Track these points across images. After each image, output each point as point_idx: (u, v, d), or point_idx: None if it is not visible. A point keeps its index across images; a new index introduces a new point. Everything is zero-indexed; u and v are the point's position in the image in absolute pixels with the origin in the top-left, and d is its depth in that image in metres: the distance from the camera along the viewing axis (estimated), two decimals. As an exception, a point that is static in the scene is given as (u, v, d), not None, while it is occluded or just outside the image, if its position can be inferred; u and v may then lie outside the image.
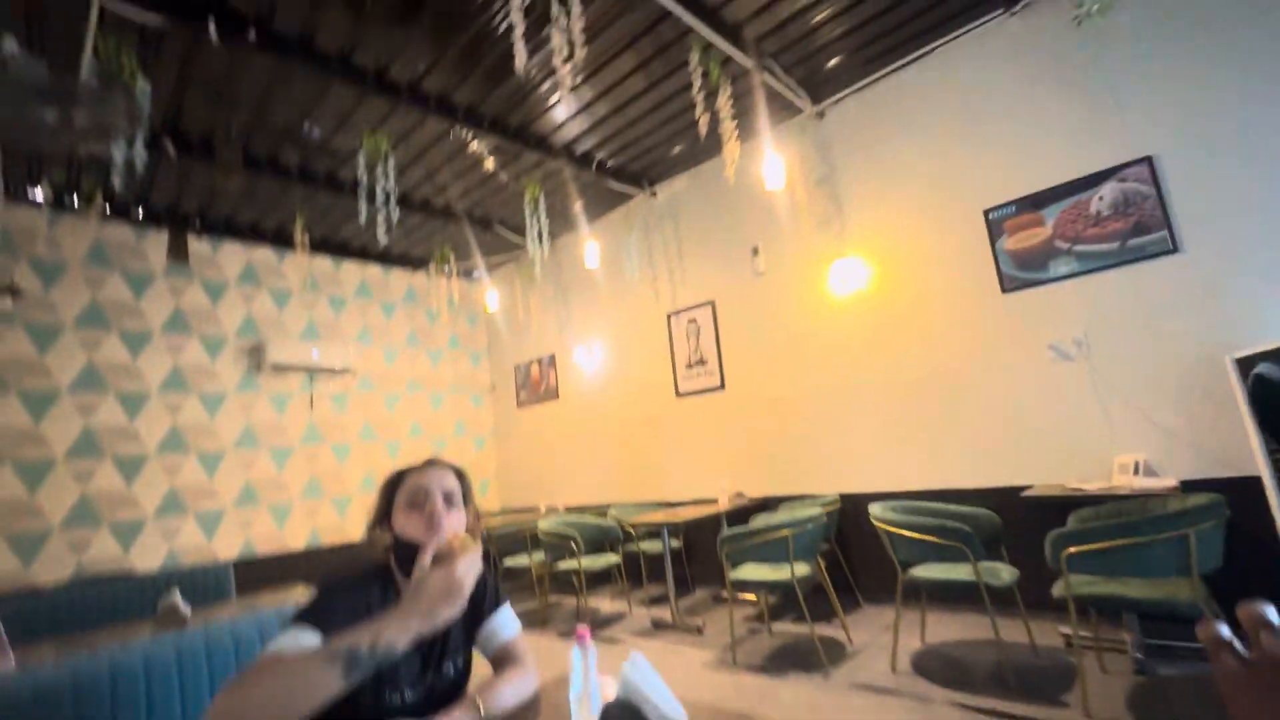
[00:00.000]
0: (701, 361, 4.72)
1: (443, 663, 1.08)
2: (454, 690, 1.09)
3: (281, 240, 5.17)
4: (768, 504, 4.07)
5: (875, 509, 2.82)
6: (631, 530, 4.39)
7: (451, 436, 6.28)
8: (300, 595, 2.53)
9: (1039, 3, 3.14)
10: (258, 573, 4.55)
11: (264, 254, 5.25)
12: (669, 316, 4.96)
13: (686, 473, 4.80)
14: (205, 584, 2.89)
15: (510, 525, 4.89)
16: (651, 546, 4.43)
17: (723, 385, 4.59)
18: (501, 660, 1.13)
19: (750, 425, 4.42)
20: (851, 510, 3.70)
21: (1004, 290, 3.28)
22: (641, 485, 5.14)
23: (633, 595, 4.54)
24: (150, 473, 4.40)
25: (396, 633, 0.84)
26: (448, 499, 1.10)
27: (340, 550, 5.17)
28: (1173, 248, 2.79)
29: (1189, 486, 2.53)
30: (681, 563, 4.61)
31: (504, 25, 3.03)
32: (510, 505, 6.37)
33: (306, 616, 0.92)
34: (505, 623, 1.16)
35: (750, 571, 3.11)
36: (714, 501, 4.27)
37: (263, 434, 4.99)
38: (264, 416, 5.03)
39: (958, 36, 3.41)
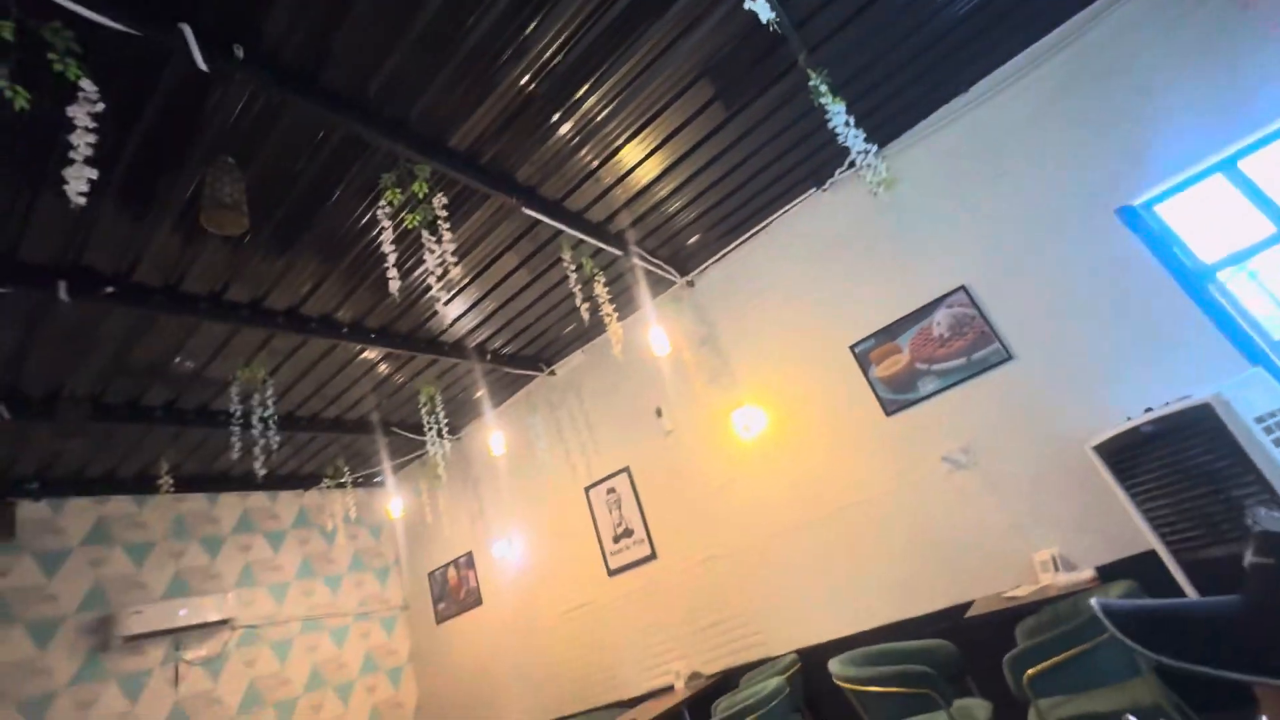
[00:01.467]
0: (628, 532, 4.53)
1: None
2: None
3: (141, 487, 4.60)
4: (728, 679, 3.72)
5: (834, 666, 2.63)
6: (585, 751, 3.78)
7: (359, 676, 5.36)
8: None
9: (843, 180, 3.83)
10: None
11: (119, 504, 4.62)
12: (587, 490, 4.81)
13: (635, 661, 4.34)
14: None
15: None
16: (611, 766, 3.81)
17: (654, 554, 4.38)
18: None
19: (690, 591, 4.17)
20: (813, 667, 3.44)
21: (887, 414, 3.53)
22: (590, 688, 4.55)
23: (599, 838, 3.77)
24: (-70, 836, 3.27)
25: None
26: None
27: None
28: (1008, 355, 3.19)
29: (1104, 572, 2.63)
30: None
31: (381, 248, 3.19)
32: (438, 750, 5.34)
33: None
34: None
35: (724, 776, 2.71)
36: (670, 689, 3.85)
37: (106, 735, 3.97)
38: (111, 708, 4.04)
39: (789, 209, 4.02)
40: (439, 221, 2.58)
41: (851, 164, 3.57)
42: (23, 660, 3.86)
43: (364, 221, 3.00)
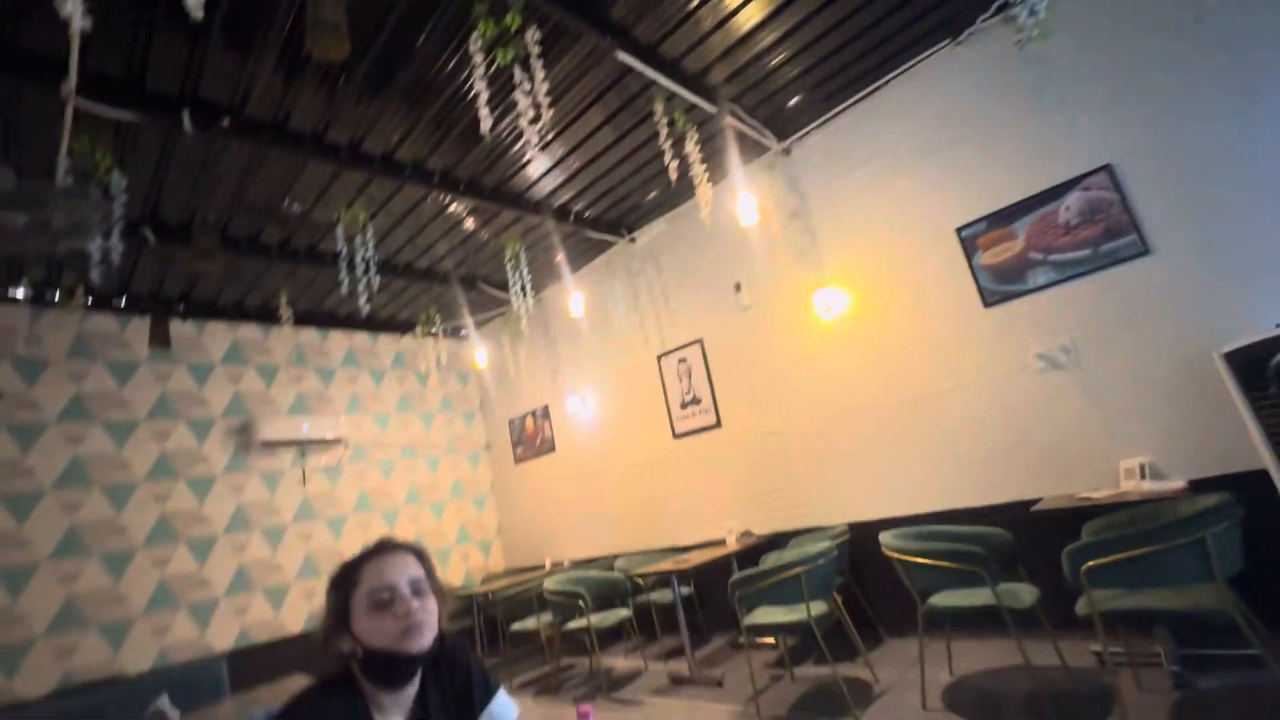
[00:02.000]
0: (695, 400, 4.69)
1: None
2: None
3: (266, 316, 5.17)
4: (777, 541, 3.98)
5: (886, 538, 2.75)
6: (640, 581, 4.25)
7: (449, 499, 6.15)
8: (297, 686, 2.39)
9: (983, 30, 3.28)
10: (254, 662, 4.34)
11: (249, 331, 5.24)
12: (659, 358, 4.95)
13: (691, 515, 4.70)
14: (198, 682, 2.76)
15: (515, 587, 4.74)
16: (663, 597, 4.29)
17: (719, 423, 4.55)
18: None
19: (750, 461, 4.36)
20: (862, 540, 3.61)
21: (986, 305, 3.30)
22: (647, 532, 5.02)
23: (647, 650, 4.36)
24: (138, 567, 4.24)
25: None
26: (415, 589, 0.98)
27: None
28: (1145, 249, 2.83)
29: (1198, 486, 2.49)
30: (695, 610, 4.45)
31: (471, 93, 3.12)
32: (515, 565, 6.19)
33: None
34: (502, 709, 1.09)
35: (766, 615, 3.00)
36: (722, 543, 4.18)
37: (255, 515, 4.86)
38: (255, 496, 4.91)
39: (910, 67, 3.54)
40: (531, 59, 2.47)
41: (1002, 8, 3.04)
42: (188, 449, 4.68)
43: (453, 64, 2.93)
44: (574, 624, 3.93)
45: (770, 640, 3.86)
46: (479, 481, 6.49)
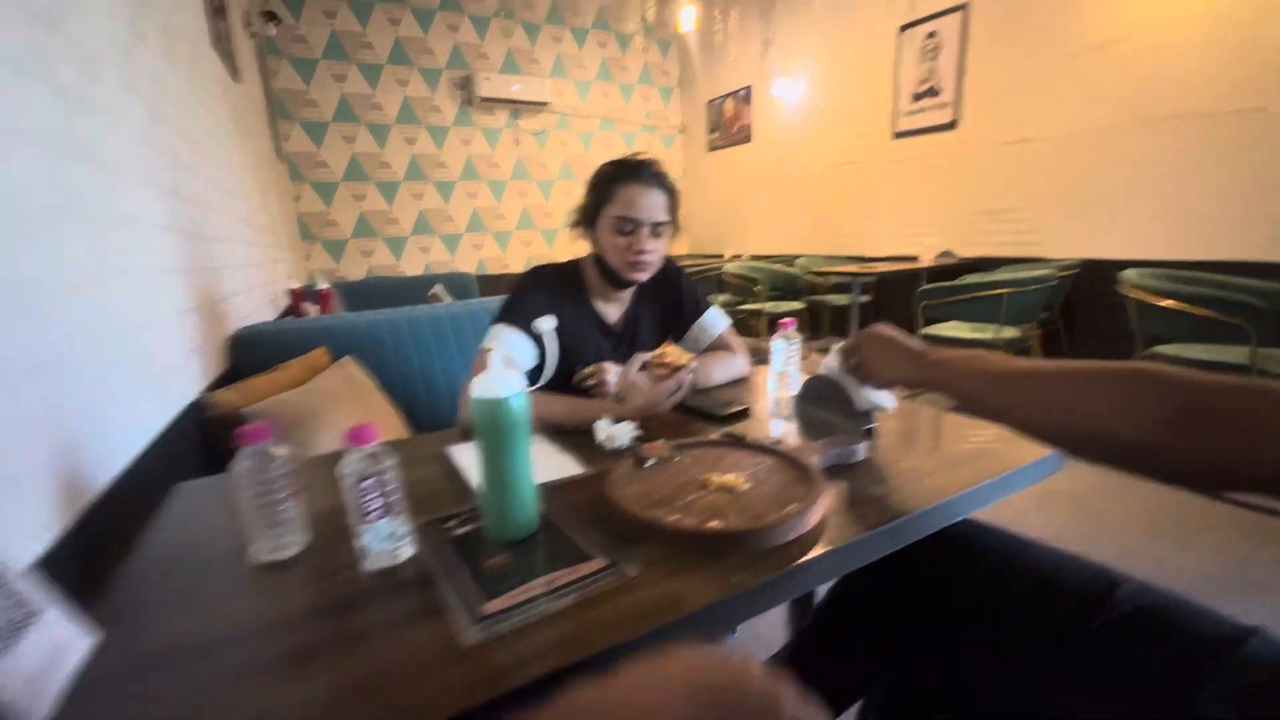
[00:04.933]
0: (932, 92, 3.89)
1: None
2: None
3: (474, -46, 4.92)
4: (980, 265, 3.63)
5: (1131, 274, 2.35)
6: (818, 280, 4.31)
7: (642, 179, 6.32)
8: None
9: None
10: (490, 288, 5.47)
11: (461, -27, 5.10)
12: (900, 30, 4.00)
13: (887, 227, 4.38)
14: (456, 284, 3.56)
15: (695, 268, 5.09)
16: (837, 299, 4.36)
17: (954, 123, 3.81)
18: (713, 350, 1.21)
19: (979, 172, 3.73)
20: (1089, 278, 3.16)
21: None
22: (831, 238, 4.86)
23: (811, 343, 4.67)
24: (403, 197, 5.21)
25: (600, 415, 0.90)
26: (655, 231, 1.06)
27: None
28: None
29: None
30: (868, 318, 4.51)
31: None
32: (696, 250, 6.55)
33: (513, 319, 1.02)
34: (714, 321, 1.23)
35: (949, 329, 2.94)
36: (912, 259, 3.93)
37: (480, 167, 5.50)
38: (479, 150, 5.47)
39: None
40: None
41: None
42: (424, 97, 5.16)
43: None
44: (747, 307, 4.25)
45: (939, 358, 3.87)
46: (670, 165, 6.26)
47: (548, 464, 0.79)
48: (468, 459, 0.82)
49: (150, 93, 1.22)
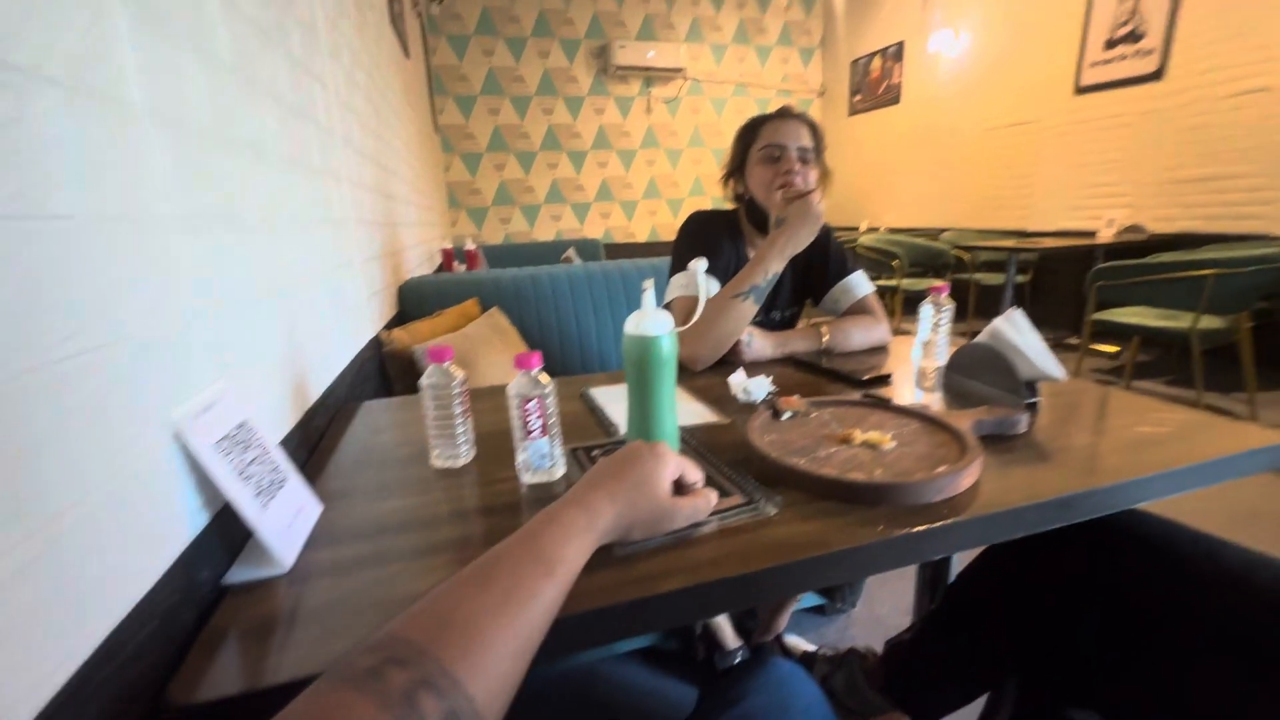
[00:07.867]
0: (1134, 36, 3.32)
1: (770, 311, 1.20)
2: None
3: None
4: (1178, 242, 3.09)
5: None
6: (966, 257, 3.92)
7: (774, 147, 6.09)
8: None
9: None
10: (615, 255, 5.61)
11: (604, -60, 5.14)
12: (1096, -34, 3.44)
13: (1057, 197, 3.86)
14: (587, 250, 3.71)
15: (827, 239, 4.85)
16: (989, 278, 3.94)
17: (1160, 72, 3.23)
18: (853, 315, 1.18)
19: (1189, 130, 3.14)
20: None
21: None
22: (987, 210, 4.38)
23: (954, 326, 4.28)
24: (538, 166, 5.47)
25: (774, 259, 0.99)
26: (802, 156, 1.09)
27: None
28: None
29: None
30: (1023, 301, 4.04)
31: None
32: (829, 222, 6.21)
33: (693, 250, 1.06)
34: (858, 284, 1.19)
35: (1130, 314, 2.56)
36: (1089, 235, 3.45)
37: (611, 136, 5.60)
38: (611, 120, 5.57)
39: None
40: None
41: None
42: (563, 68, 5.34)
43: None
44: (883, 281, 3.98)
45: (1111, 348, 3.40)
46: (806, 132, 6.17)
47: (685, 410, 0.81)
48: (608, 398, 0.88)
49: (348, 62, 1.39)
